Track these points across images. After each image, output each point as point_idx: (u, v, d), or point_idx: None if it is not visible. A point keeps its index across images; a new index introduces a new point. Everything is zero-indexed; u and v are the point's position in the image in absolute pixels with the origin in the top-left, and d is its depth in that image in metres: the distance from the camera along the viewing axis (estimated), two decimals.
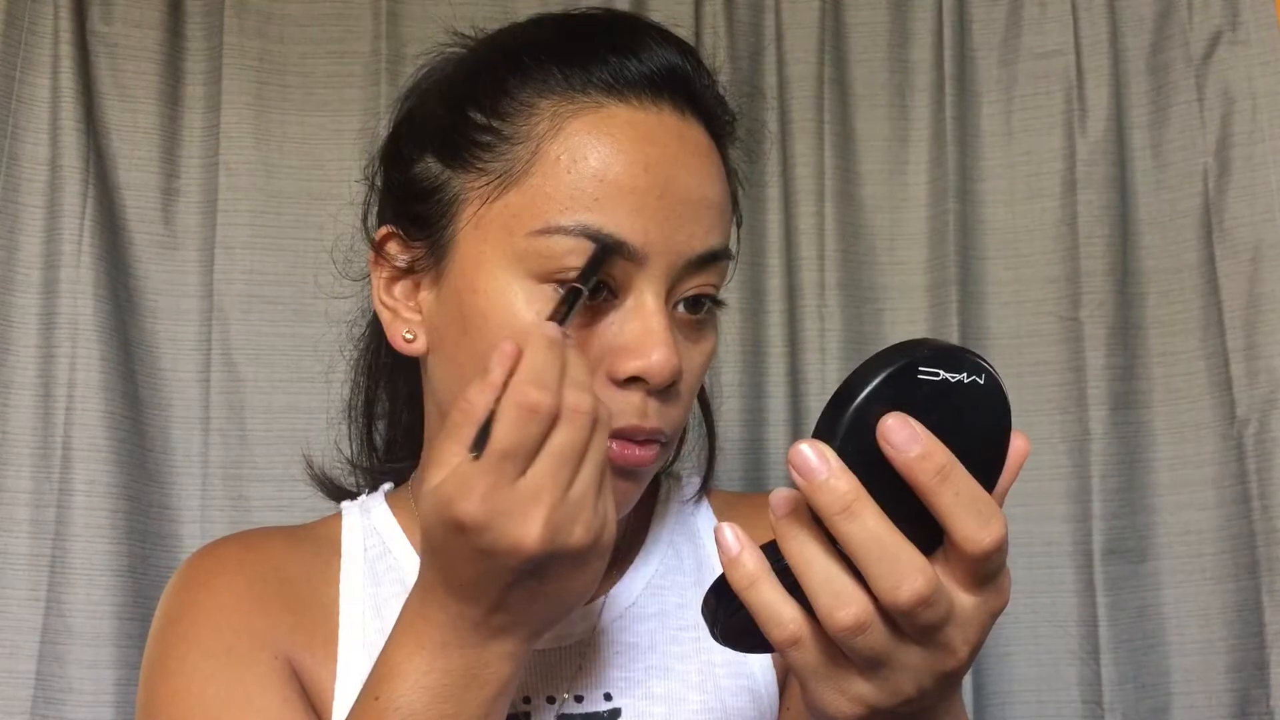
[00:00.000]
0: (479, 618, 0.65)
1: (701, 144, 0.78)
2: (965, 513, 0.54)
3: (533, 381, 0.62)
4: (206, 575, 0.82)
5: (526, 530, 0.61)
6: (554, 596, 0.66)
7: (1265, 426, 1.21)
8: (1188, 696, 1.22)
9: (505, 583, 0.64)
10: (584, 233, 0.72)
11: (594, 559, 0.66)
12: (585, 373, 0.65)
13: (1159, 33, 1.29)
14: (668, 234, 0.73)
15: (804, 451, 0.54)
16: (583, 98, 0.75)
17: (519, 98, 0.75)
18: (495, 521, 0.61)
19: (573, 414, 0.63)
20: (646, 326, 0.73)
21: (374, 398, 0.95)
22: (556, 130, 0.74)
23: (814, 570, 0.56)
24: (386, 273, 0.81)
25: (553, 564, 0.64)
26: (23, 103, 1.23)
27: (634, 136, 0.74)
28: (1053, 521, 1.25)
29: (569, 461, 0.63)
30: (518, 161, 0.74)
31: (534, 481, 0.62)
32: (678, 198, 0.74)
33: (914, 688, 0.57)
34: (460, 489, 0.61)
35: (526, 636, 0.67)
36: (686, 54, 0.78)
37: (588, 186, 0.72)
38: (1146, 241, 1.28)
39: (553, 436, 0.62)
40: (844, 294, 1.28)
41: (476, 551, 0.62)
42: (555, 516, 0.62)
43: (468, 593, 0.65)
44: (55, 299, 1.21)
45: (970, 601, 0.56)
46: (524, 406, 0.61)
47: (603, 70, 0.75)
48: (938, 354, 0.56)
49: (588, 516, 0.64)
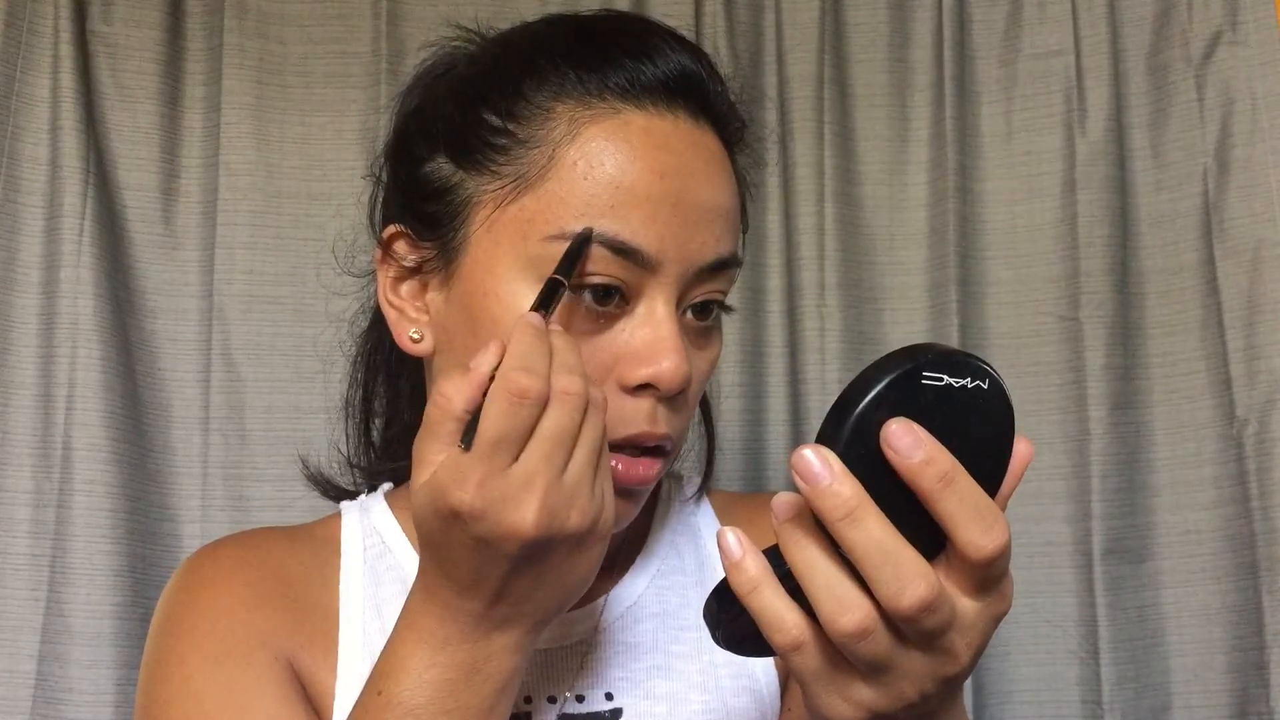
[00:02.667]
0: (480, 610, 0.66)
1: (714, 151, 0.78)
2: (968, 519, 0.54)
3: (519, 368, 0.62)
4: (205, 576, 0.82)
5: (522, 515, 0.62)
6: (554, 583, 0.66)
7: (1265, 426, 1.21)
8: (1188, 696, 1.22)
9: (504, 571, 0.64)
10: (599, 239, 0.72)
11: (593, 543, 0.66)
12: (575, 357, 0.65)
13: (1159, 33, 1.29)
14: (681, 242, 0.73)
15: (807, 456, 0.54)
16: (599, 103, 0.74)
17: (535, 101, 0.75)
18: (491, 509, 0.62)
19: (562, 396, 0.63)
20: (658, 334, 0.73)
21: (372, 394, 0.95)
22: (573, 136, 0.74)
23: (816, 575, 0.56)
24: (393, 272, 0.81)
25: (551, 549, 0.64)
26: (23, 103, 1.22)
27: (650, 144, 0.74)
28: (1053, 521, 1.25)
29: (562, 445, 0.63)
30: (533, 166, 0.74)
31: (527, 466, 0.62)
32: (691, 205, 0.74)
33: (916, 692, 0.57)
34: (454, 479, 0.62)
35: (529, 628, 0.67)
36: (700, 59, 0.78)
37: (603, 193, 0.72)
38: (1146, 241, 1.28)
39: (544, 421, 0.63)
40: (844, 294, 1.28)
41: (474, 540, 0.63)
42: (550, 500, 0.62)
43: (468, 585, 0.65)
44: (55, 299, 1.21)
45: (973, 607, 0.57)
46: (512, 392, 0.62)
47: (618, 75, 0.75)
48: (942, 359, 0.56)
49: (584, 500, 0.64)
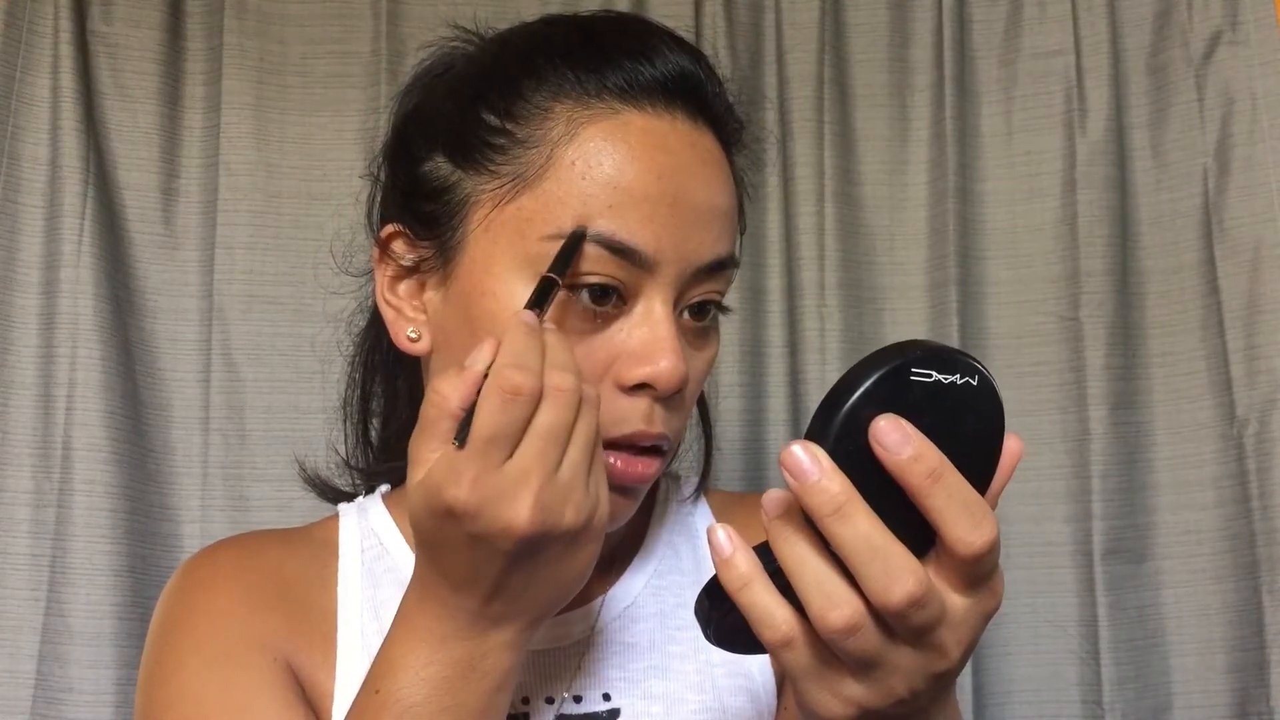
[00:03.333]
0: (476, 607, 0.66)
1: (712, 152, 0.78)
2: (957, 515, 0.54)
3: (512, 365, 0.63)
4: (203, 579, 0.82)
5: (516, 512, 0.62)
6: (550, 580, 0.66)
7: (1265, 426, 1.21)
8: (1188, 696, 1.22)
9: (500, 568, 0.64)
10: (597, 239, 0.72)
11: (588, 540, 0.66)
12: (568, 354, 0.65)
13: (1159, 33, 1.29)
14: (678, 242, 0.73)
15: (796, 453, 0.54)
16: (597, 103, 0.74)
17: (533, 101, 0.75)
18: (485, 506, 0.62)
19: (556, 393, 0.63)
20: (655, 334, 0.73)
21: (369, 393, 0.95)
22: (572, 135, 0.74)
23: (806, 571, 0.56)
24: (391, 271, 0.81)
25: (546, 545, 0.64)
26: (23, 103, 1.23)
27: (648, 144, 0.74)
28: (1053, 521, 1.25)
29: (555, 441, 0.63)
30: (531, 165, 0.74)
31: (521, 463, 0.62)
32: (689, 206, 0.74)
33: (906, 689, 0.57)
34: (448, 476, 0.62)
35: (525, 625, 0.67)
36: (699, 60, 0.78)
37: (601, 193, 0.72)
38: (1146, 241, 1.28)
39: (537, 417, 0.63)
40: (844, 294, 1.28)
41: (469, 538, 0.63)
42: (544, 497, 0.62)
43: (464, 582, 0.65)
44: (55, 299, 1.21)
45: (962, 603, 0.57)
46: (505, 389, 0.62)
47: (617, 75, 0.75)
48: (930, 355, 0.56)
49: (578, 497, 0.64)
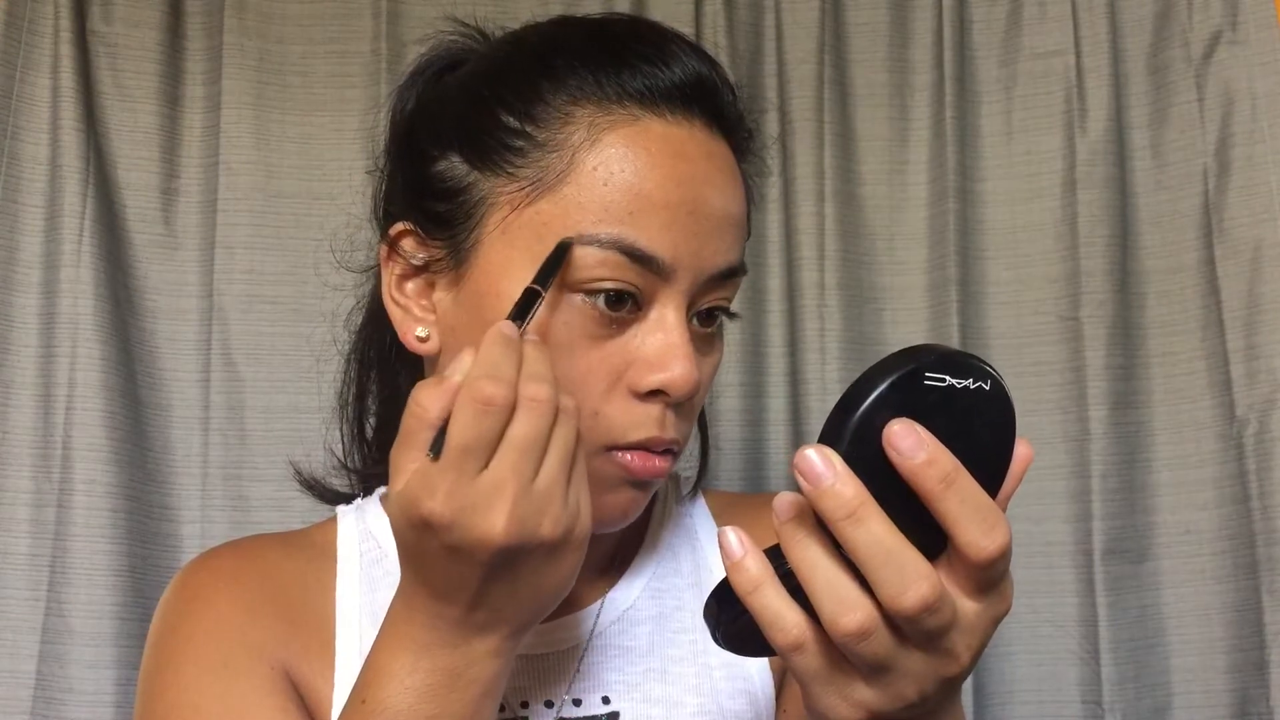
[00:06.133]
0: (459, 616, 0.66)
1: (727, 160, 0.78)
2: (970, 519, 0.54)
3: (486, 376, 0.62)
4: (202, 586, 0.82)
5: (491, 523, 0.62)
6: (531, 590, 0.66)
7: (1265, 426, 1.21)
8: (1188, 696, 1.22)
9: (479, 578, 0.64)
10: (616, 245, 0.72)
11: (568, 551, 0.66)
12: (545, 365, 0.65)
13: (1159, 33, 1.29)
14: (694, 249, 0.74)
15: (810, 456, 0.55)
16: (618, 109, 0.74)
17: (553, 104, 0.75)
18: (460, 517, 0.62)
19: (530, 404, 0.63)
20: (670, 341, 0.73)
21: (365, 391, 0.94)
22: (593, 141, 0.73)
23: (818, 575, 0.56)
24: (399, 269, 0.80)
25: (524, 557, 0.64)
26: (23, 102, 1.22)
27: (668, 152, 0.74)
28: (1053, 521, 1.25)
29: (530, 452, 0.63)
30: (551, 170, 0.73)
31: (495, 474, 0.62)
32: (705, 214, 0.74)
33: (916, 693, 0.57)
34: (423, 488, 0.62)
35: (508, 634, 0.67)
36: (714, 67, 0.78)
37: (622, 200, 0.72)
38: (1146, 241, 1.28)
39: (511, 428, 0.63)
40: (844, 294, 1.28)
41: (446, 549, 0.63)
42: (519, 508, 0.62)
43: (445, 592, 0.65)
44: (55, 299, 1.21)
45: (973, 607, 0.57)
46: (478, 400, 0.62)
47: (636, 80, 0.75)
48: (944, 360, 0.56)
49: (556, 508, 0.64)
